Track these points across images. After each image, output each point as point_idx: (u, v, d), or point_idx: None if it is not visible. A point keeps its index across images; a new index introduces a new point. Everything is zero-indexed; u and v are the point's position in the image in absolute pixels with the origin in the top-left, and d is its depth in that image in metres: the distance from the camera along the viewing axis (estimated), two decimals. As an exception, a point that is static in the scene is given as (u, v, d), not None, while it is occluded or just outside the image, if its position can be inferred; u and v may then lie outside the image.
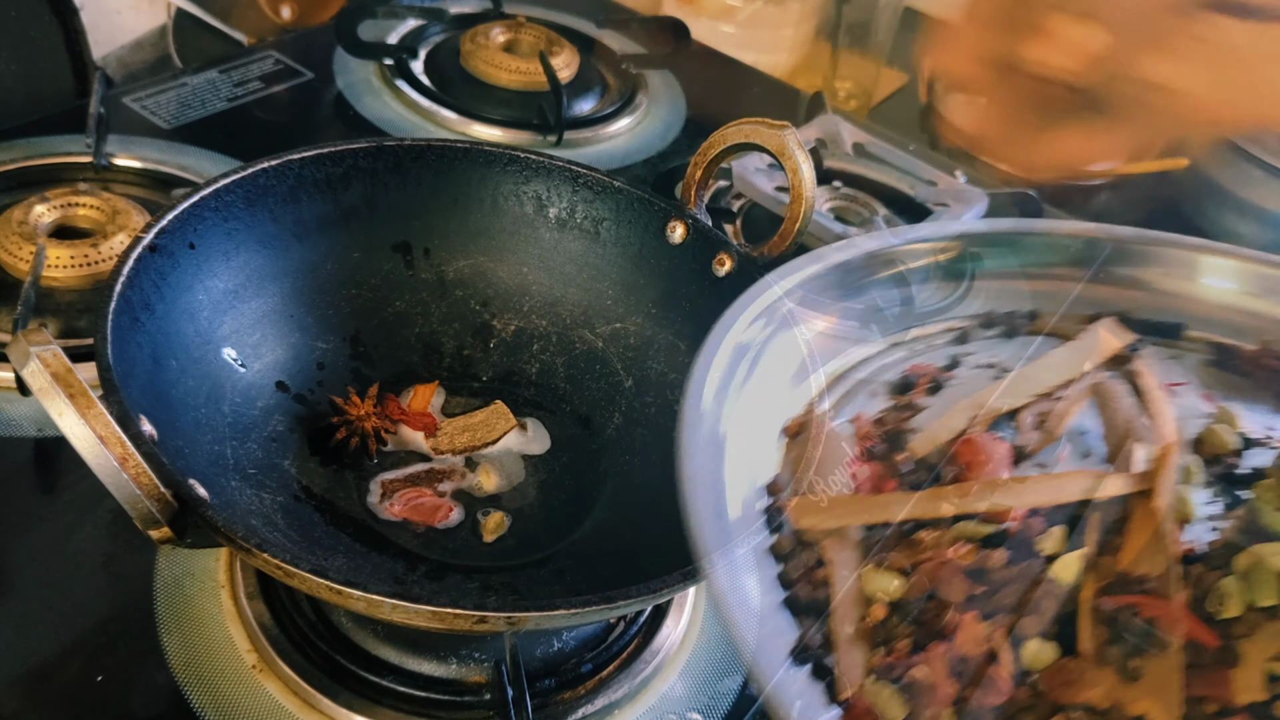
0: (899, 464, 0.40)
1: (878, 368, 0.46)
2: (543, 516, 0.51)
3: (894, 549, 0.35)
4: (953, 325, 0.48)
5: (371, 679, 0.45)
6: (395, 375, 0.55)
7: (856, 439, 0.41)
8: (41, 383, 0.32)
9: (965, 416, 0.42)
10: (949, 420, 0.42)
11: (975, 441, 0.40)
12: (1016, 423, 0.43)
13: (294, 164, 0.50)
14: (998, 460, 0.39)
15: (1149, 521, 0.34)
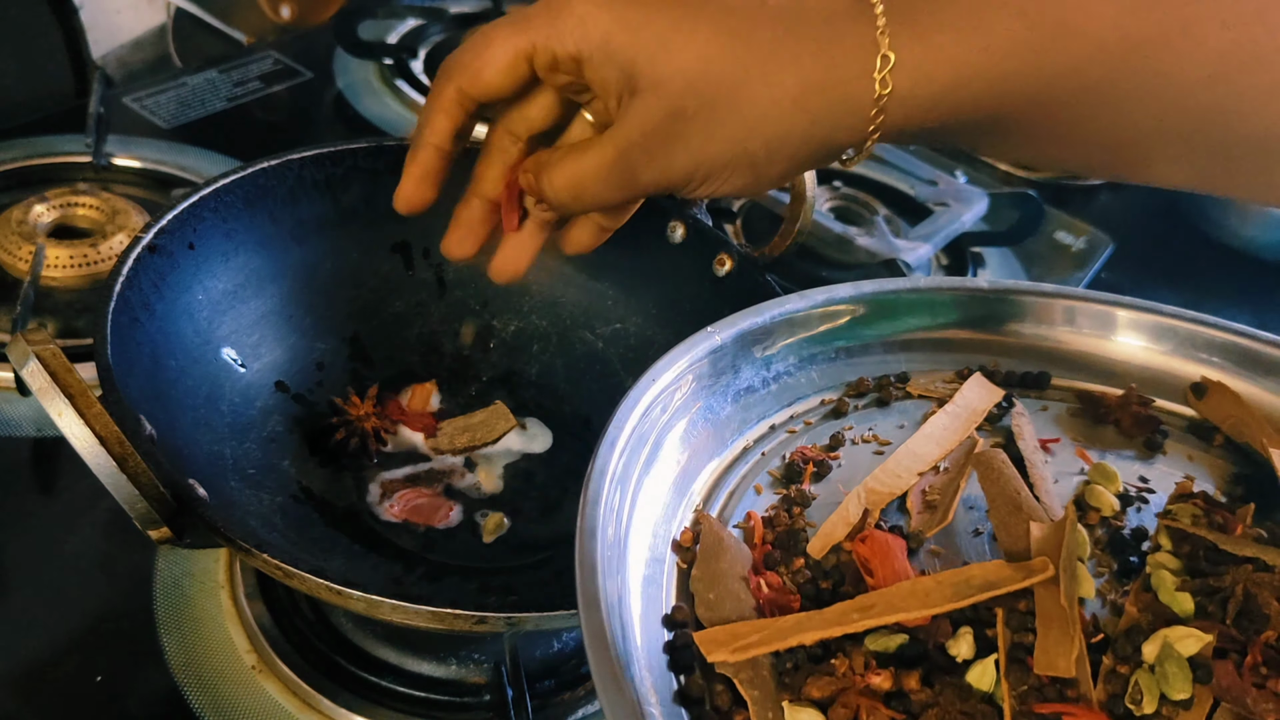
0: (799, 570, 0.39)
1: (760, 456, 0.46)
2: (542, 517, 0.51)
3: (808, 679, 0.34)
4: (827, 398, 0.48)
5: (371, 680, 0.45)
6: (395, 375, 0.54)
7: (752, 544, 0.41)
8: (41, 382, 0.32)
9: (855, 509, 0.42)
10: (841, 516, 0.42)
11: (870, 539, 0.39)
12: (907, 506, 0.42)
13: (293, 164, 0.50)
14: (894, 556, 0.38)
15: (1055, 615, 0.33)
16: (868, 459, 0.45)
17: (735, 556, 0.39)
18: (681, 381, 0.43)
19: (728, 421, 0.45)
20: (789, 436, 0.46)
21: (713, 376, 0.45)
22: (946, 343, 0.50)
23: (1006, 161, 0.87)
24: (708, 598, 0.38)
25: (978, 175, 0.88)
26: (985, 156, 0.82)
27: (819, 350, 0.49)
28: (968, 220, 0.74)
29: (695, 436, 0.44)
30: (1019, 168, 1.00)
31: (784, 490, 0.44)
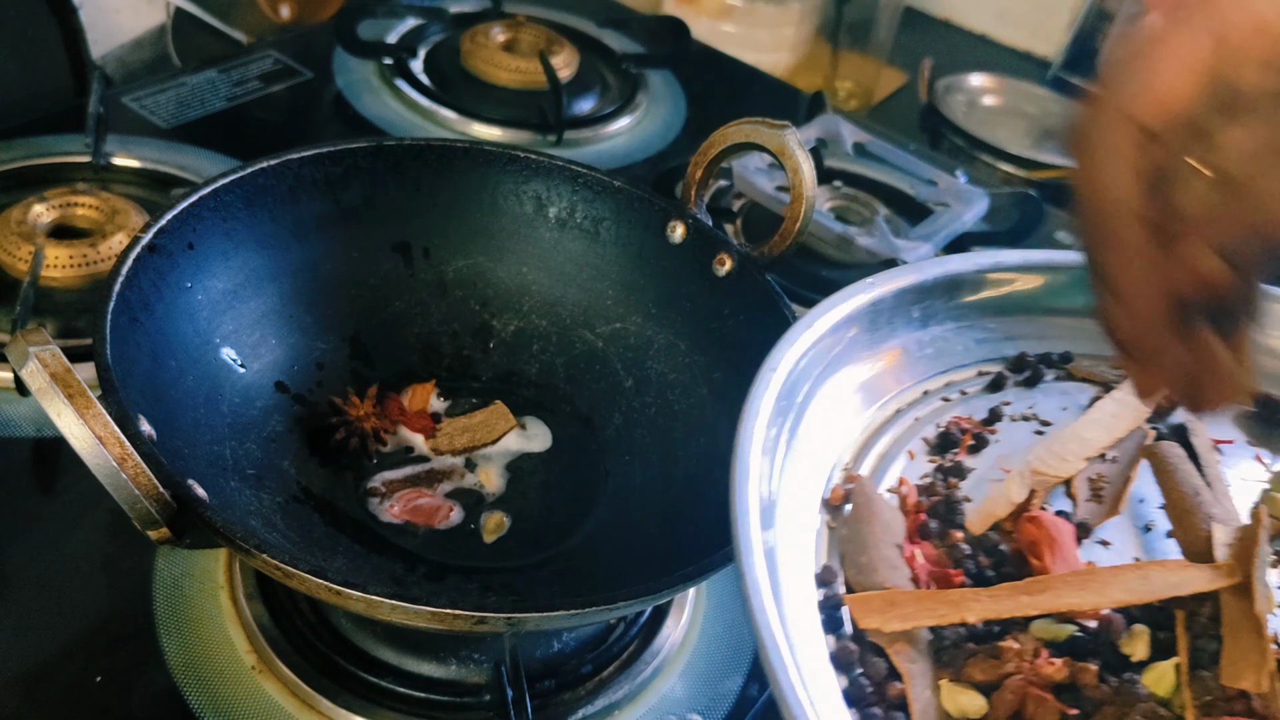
0: (957, 545, 0.38)
1: (913, 420, 0.44)
2: (543, 517, 0.51)
3: (971, 659, 0.32)
4: (985, 369, 0.46)
5: (371, 680, 0.45)
6: (395, 376, 0.54)
7: (905, 511, 0.39)
8: (40, 383, 0.32)
9: (1019, 488, 0.40)
10: (1003, 493, 0.40)
11: (1040, 521, 0.37)
12: (1072, 492, 0.41)
13: (293, 164, 0.50)
14: (1064, 542, 0.37)
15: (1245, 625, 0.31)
16: (1027, 438, 0.43)
17: (888, 523, 0.37)
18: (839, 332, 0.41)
19: (880, 380, 0.44)
20: (943, 405, 0.45)
21: (869, 330, 0.43)
22: None
23: None
24: (859, 560, 0.36)
25: (978, 175, 0.88)
26: None
27: (978, 319, 0.47)
28: (968, 220, 0.74)
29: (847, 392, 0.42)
30: (1019, 167, 1.00)
31: (938, 459, 0.42)
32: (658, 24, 0.97)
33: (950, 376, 0.46)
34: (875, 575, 0.35)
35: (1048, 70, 1.29)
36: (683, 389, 0.53)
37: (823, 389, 0.41)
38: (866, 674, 0.32)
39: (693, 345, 0.53)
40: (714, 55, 1.00)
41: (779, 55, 1.14)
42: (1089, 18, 1.27)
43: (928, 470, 0.42)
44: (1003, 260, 0.47)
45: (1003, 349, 0.47)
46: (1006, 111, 1.13)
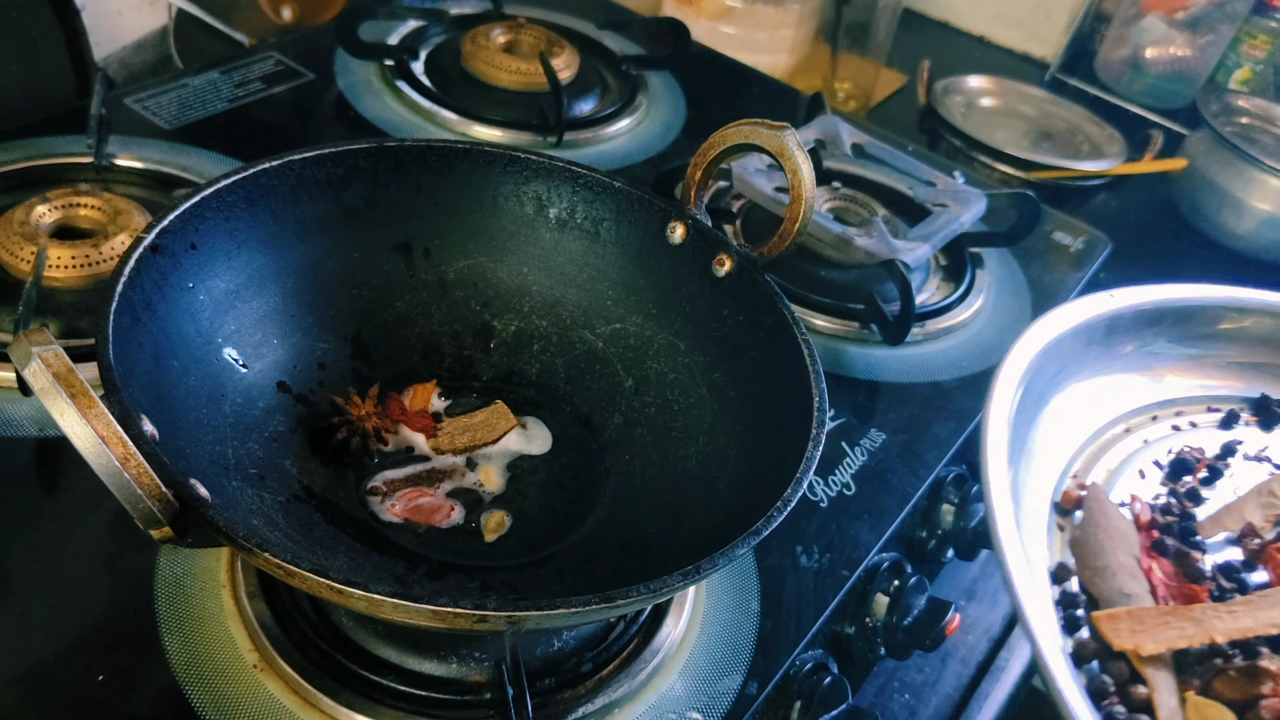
0: (1195, 563, 0.38)
1: (1142, 442, 0.45)
2: (543, 516, 0.51)
3: (1221, 675, 0.33)
4: (1216, 405, 0.47)
5: (372, 678, 0.45)
6: (396, 375, 0.55)
7: (1138, 526, 0.40)
8: (43, 383, 0.32)
9: (1253, 507, 0.41)
10: (1237, 507, 0.41)
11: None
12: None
13: (295, 164, 0.50)
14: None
15: None
16: (1260, 477, 0.44)
17: (1123, 532, 0.38)
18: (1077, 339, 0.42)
19: (1111, 397, 0.44)
20: (1172, 432, 0.45)
21: (1104, 344, 0.44)
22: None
23: None
24: (1094, 564, 0.37)
25: (976, 175, 0.88)
26: None
27: (1212, 352, 0.48)
28: (966, 220, 0.74)
29: (1078, 403, 0.43)
30: (1016, 168, 1.00)
31: (1171, 484, 0.43)
32: (657, 26, 0.97)
33: (1181, 406, 0.47)
34: (1114, 580, 0.37)
35: (1045, 72, 1.29)
36: (682, 389, 0.53)
37: (1055, 397, 0.42)
38: (1108, 673, 0.33)
39: (692, 345, 0.53)
40: (713, 57, 1.01)
41: (778, 57, 1.14)
42: (1086, 20, 1.27)
43: (1160, 492, 0.43)
44: (1242, 299, 0.48)
45: (1235, 387, 0.48)
46: (1004, 113, 1.13)
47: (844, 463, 0.61)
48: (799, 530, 0.56)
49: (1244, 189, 1.00)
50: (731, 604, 0.52)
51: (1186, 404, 0.47)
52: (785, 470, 0.42)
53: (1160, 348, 0.47)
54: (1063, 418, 0.43)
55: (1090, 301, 0.43)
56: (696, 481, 0.49)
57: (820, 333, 0.70)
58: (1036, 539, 0.39)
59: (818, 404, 0.44)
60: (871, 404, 0.66)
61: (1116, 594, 0.37)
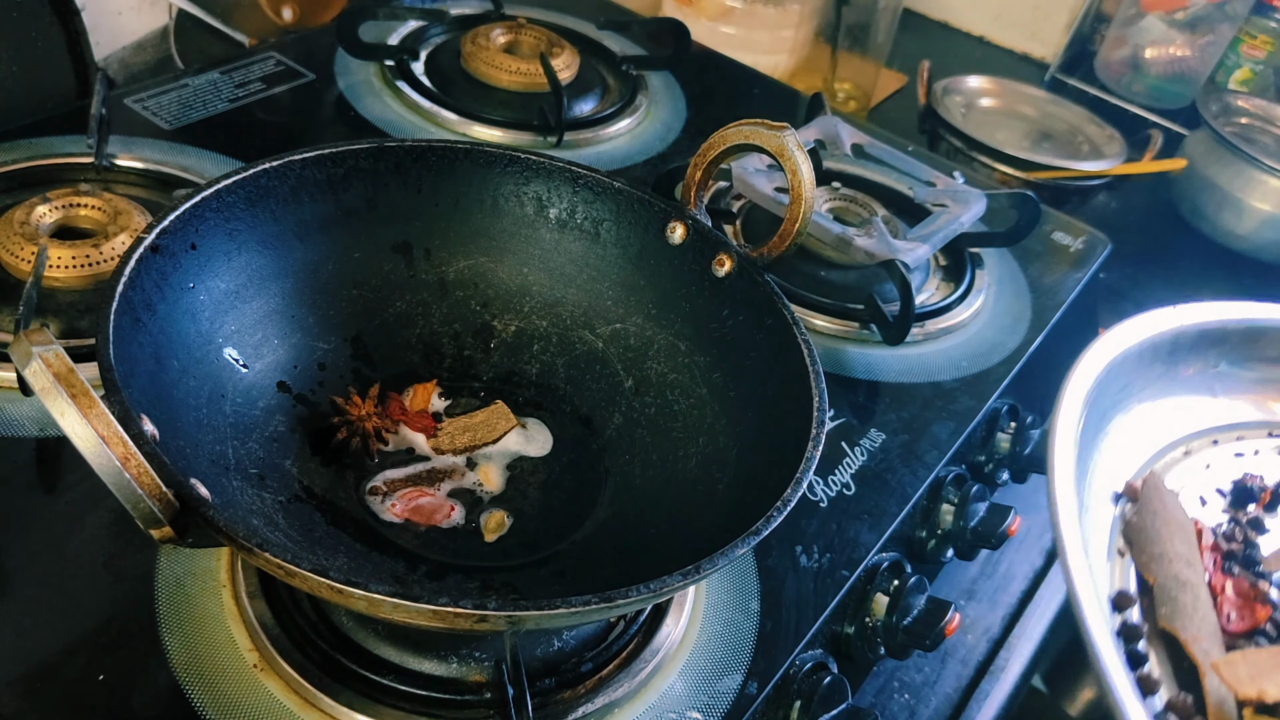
0: (1264, 591, 0.39)
1: (1205, 467, 0.45)
2: (543, 516, 0.51)
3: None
4: (1277, 430, 0.47)
5: (372, 678, 0.45)
6: (396, 375, 0.55)
7: (1202, 549, 0.40)
8: (43, 383, 0.32)
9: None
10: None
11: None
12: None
13: (295, 164, 0.50)
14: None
15: None
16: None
17: (1180, 522, 0.39)
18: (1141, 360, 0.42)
19: (1172, 420, 0.44)
20: (1235, 459, 0.45)
21: (1167, 364, 0.44)
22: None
23: None
24: (1150, 550, 0.38)
25: (975, 176, 0.88)
26: None
27: (1276, 376, 0.47)
28: (966, 221, 0.74)
29: (1139, 424, 0.43)
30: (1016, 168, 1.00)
31: (1234, 512, 0.43)
32: (658, 26, 0.97)
33: (1242, 432, 0.47)
34: (1171, 566, 0.37)
35: (1045, 72, 1.29)
36: (682, 389, 0.53)
37: (1118, 416, 0.42)
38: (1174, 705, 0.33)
39: (692, 346, 0.53)
40: (713, 57, 1.01)
41: (778, 57, 1.14)
42: (1086, 20, 1.27)
43: (1222, 520, 0.43)
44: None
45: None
46: (1004, 113, 1.13)
47: (844, 463, 0.61)
48: (799, 530, 0.56)
49: (1244, 189, 1.00)
50: (731, 604, 0.52)
51: (1248, 429, 0.47)
52: (785, 470, 0.42)
53: (1223, 370, 0.47)
54: (1124, 438, 0.43)
55: (1155, 317, 0.43)
56: (696, 481, 0.49)
57: (820, 333, 0.70)
58: (1098, 564, 0.39)
59: (818, 404, 0.44)
60: (871, 404, 0.66)
61: (1172, 581, 0.37)
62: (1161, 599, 0.37)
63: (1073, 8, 1.28)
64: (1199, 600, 0.37)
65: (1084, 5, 1.26)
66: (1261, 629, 0.38)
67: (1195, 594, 0.37)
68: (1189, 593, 0.37)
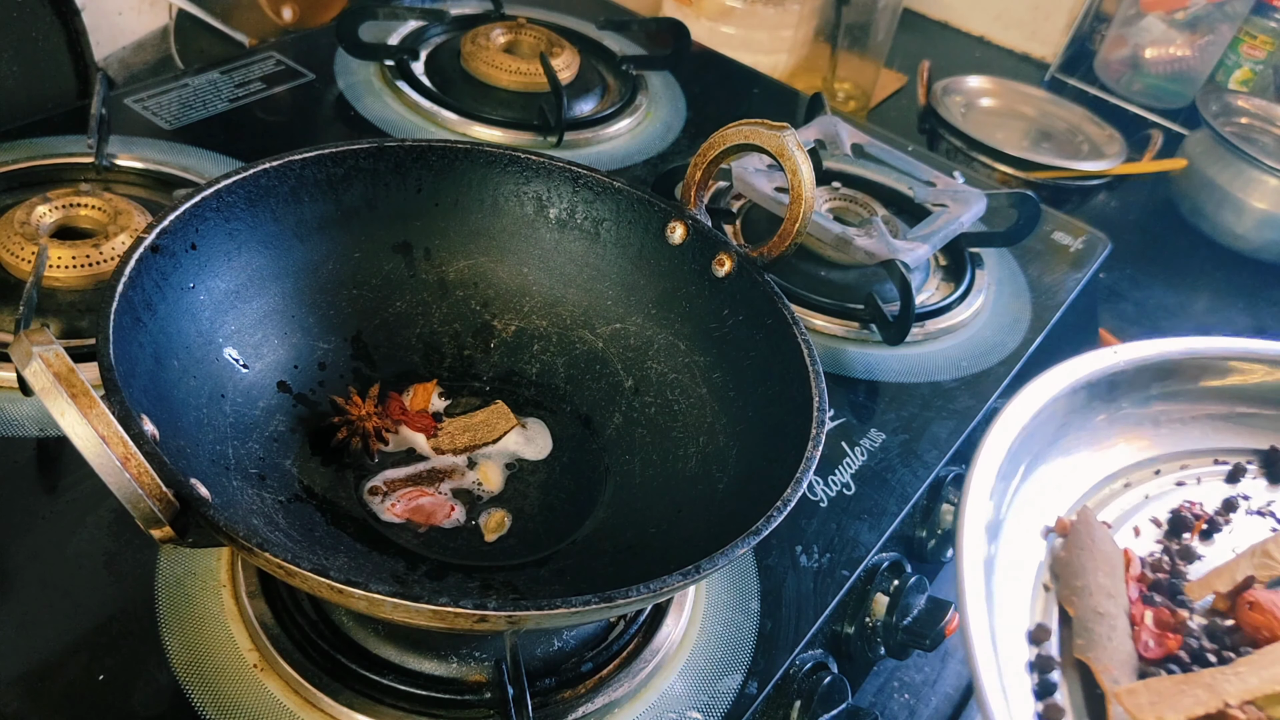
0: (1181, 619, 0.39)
1: (1144, 497, 0.45)
2: (543, 516, 0.51)
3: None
4: (1222, 458, 0.47)
5: (372, 678, 0.45)
6: (396, 375, 0.55)
7: (1129, 579, 0.41)
8: (44, 383, 0.32)
9: (1245, 567, 0.41)
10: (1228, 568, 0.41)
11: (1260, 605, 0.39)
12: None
13: (295, 164, 0.50)
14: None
15: None
16: (1261, 533, 0.44)
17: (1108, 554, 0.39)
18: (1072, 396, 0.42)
19: (1110, 453, 0.45)
20: (1176, 488, 0.45)
21: (1106, 400, 0.44)
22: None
23: None
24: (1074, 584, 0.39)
25: (975, 176, 0.88)
26: None
27: (1220, 406, 0.47)
28: (966, 221, 0.74)
29: (1077, 458, 0.43)
30: (1016, 168, 1.00)
31: (1168, 541, 0.43)
32: (657, 26, 0.97)
33: (1185, 460, 0.47)
34: (1090, 599, 0.38)
35: (1045, 72, 1.29)
36: (682, 389, 0.53)
37: (1052, 451, 0.42)
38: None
39: (692, 345, 0.53)
40: (713, 57, 1.01)
41: (778, 57, 1.14)
42: (1086, 20, 1.27)
43: (1155, 549, 0.43)
44: (1252, 349, 0.48)
45: (1241, 439, 0.48)
46: (1004, 113, 1.13)
47: (844, 463, 0.61)
48: (799, 530, 0.56)
49: (1243, 189, 1.00)
50: (731, 604, 0.52)
51: (1192, 457, 0.47)
52: (785, 470, 0.42)
53: (1166, 402, 0.47)
54: (1060, 476, 0.43)
55: (1094, 357, 0.43)
56: (696, 481, 0.49)
57: (820, 333, 0.70)
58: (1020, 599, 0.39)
59: (817, 404, 0.44)
60: (871, 404, 0.66)
61: (1090, 613, 0.38)
62: (1079, 630, 0.38)
63: (1072, 8, 1.28)
64: (1115, 630, 0.38)
65: (1084, 5, 1.26)
66: (1175, 656, 0.39)
67: (1112, 624, 0.38)
68: (1105, 624, 0.38)
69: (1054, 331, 0.75)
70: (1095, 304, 0.86)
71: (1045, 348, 0.74)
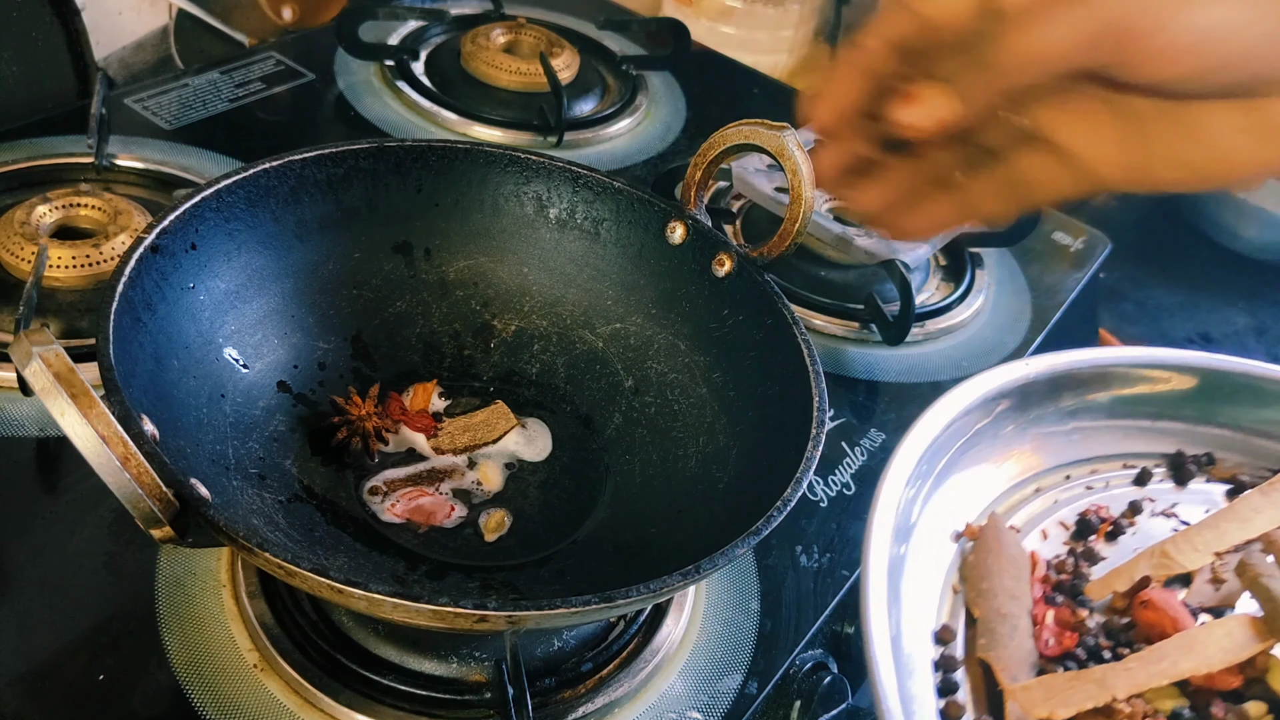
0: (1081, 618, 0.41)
1: (1053, 501, 0.46)
2: (543, 516, 0.51)
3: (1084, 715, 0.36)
4: (1131, 463, 0.48)
5: (373, 678, 0.45)
6: (396, 375, 0.55)
7: (1034, 580, 0.42)
8: (44, 383, 0.32)
9: (1144, 566, 0.43)
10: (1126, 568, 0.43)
11: (1153, 604, 0.41)
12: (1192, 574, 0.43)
13: (295, 164, 0.50)
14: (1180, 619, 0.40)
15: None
16: (1164, 534, 0.45)
17: (1014, 557, 0.41)
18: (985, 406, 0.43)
19: (1022, 460, 0.46)
20: (1085, 492, 0.47)
21: (1018, 409, 0.45)
22: (1267, 434, 0.50)
23: None
24: (980, 586, 0.40)
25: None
26: None
27: (1128, 410, 0.49)
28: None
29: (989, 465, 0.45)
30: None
31: (1073, 543, 0.44)
32: (657, 26, 0.98)
33: (1095, 465, 0.48)
34: (995, 601, 0.39)
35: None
36: (682, 389, 0.53)
37: (965, 459, 0.44)
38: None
39: (692, 345, 0.53)
40: (713, 57, 1.01)
41: (778, 57, 1.14)
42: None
43: (1061, 551, 0.44)
44: (1160, 358, 0.49)
45: (1150, 444, 0.49)
46: (1005, 113, 1.13)
47: (844, 463, 0.61)
48: (799, 530, 0.56)
49: (1244, 189, 1.00)
50: (731, 604, 0.52)
51: (1101, 461, 0.48)
52: (785, 470, 0.42)
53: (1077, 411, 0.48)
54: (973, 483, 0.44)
55: (1005, 370, 0.45)
56: (696, 481, 0.49)
57: (820, 333, 0.70)
58: (929, 601, 0.41)
59: (818, 404, 0.44)
60: (871, 404, 0.66)
61: (994, 613, 0.40)
62: (983, 631, 0.40)
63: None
64: (1017, 630, 0.39)
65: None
66: (1073, 653, 0.40)
67: (1014, 624, 0.39)
68: (1007, 624, 0.39)
69: (1054, 331, 0.75)
70: (1095, 304, 0.86)
71: (1045, 348, 0.74)
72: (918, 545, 0.41)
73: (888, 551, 0.36)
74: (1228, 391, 0.49)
